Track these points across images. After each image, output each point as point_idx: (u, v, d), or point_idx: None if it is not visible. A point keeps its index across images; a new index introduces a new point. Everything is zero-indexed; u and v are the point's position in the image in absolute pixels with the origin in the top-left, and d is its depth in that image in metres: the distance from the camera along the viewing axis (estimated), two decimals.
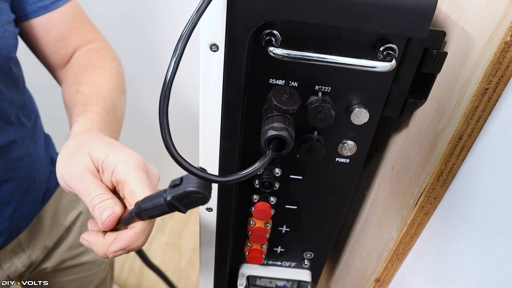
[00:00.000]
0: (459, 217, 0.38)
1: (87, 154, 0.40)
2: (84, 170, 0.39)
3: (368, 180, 0.59)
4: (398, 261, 0.49)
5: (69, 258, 0.79)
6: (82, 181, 0.39)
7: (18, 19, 0.57)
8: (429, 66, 0.39)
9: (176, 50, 0.32)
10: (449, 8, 0.39)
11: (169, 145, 0.33)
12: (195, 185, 0.32)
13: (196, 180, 0.33)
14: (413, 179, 0.44)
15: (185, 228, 1.66)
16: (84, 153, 0.40)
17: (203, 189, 0.33)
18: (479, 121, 0.35)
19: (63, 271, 0.80)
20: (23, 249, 0.69)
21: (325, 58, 0.34)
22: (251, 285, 0.60)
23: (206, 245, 0.54)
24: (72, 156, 0.41)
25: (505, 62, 0.32)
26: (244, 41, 0.35)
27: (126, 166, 0.38)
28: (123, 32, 1.34)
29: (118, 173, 0.38)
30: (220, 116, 0.40)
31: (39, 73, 0.73)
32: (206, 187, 0.33)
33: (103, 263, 0.90)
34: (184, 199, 0.33)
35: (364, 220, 0.59)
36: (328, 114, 0.39)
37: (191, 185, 0.32)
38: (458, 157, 0.38)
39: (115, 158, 0.39)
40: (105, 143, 0.42)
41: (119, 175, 0.38)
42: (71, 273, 0.82)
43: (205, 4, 0.31)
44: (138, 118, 1.55)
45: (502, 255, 0.32)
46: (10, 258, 0.67)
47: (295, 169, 0.47)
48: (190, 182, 0.33)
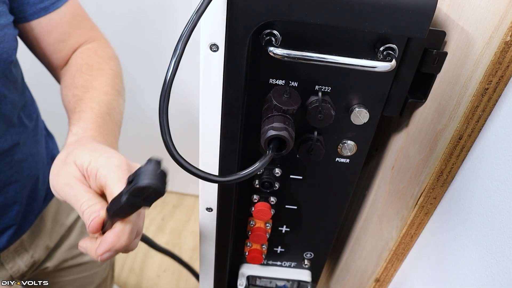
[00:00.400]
0: (459, 217, 0.38)
1: (73, 163, 0.41)
2: (71, 179, 0.40)
3: (368, 180, 0.59)
4: (398, 261, 0.49)
5: (70, 257, 0.79)
6: (71, 190, 0.40)
7: (17, 20, 0.57)
8: (429, 66, 0.39)
9: (176, 50, 0.32)
10: (449, 8, 0.39)
11: (169, 145, 0.33)
12: (145, 179, 0.30)
13: (148, 172, 0.30)
14: (413, 179, 0.44)
15: (185, 228, 1.66)
16: (70, 163, 0.41)
17: (155, 181, 0.30)
18: (479, 121, 0.35)
19: (64, 271, 0.80)
20: (26, 249, 0.69)
21: (325, 58, 0.34)
22: (251, 285, 0.60)
23: (206, 245, 0.54)
24: (61, 167, 0.42)
25: (505, 62, 0.32)
26: (244, 41, 0.35)
27: (106, 168, 0.39)
28: (123, 32, 1.34)
29: (100, 177, 0.39)
30: (220, 116, 0.40)
31: (39, 73, 0.73)
32: (158, 178, 0.30)
33: (104, 263, 0.90)
34: (140, 194, 0.31)
35: (364, 220, 0.59)
36: (328, 114, 0.39)
37: (142, 180, 0.30)
38: (458, 157, 0.38)
39: (96, 162, 0.40)
40: (89, 150, 0.42)
41: (101, 179, 0.38)
42: (72, 273, 0.82)
43: (205, 4, 0.31)
44: (138, 118, 1.55)
45: (502, 255, 0.32)
46: (13, 258, 0.68)
47: (295, 169, 0.47)
48: (141, 176, 0.30)
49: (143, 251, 1.55)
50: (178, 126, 1.46)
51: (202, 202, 0.49)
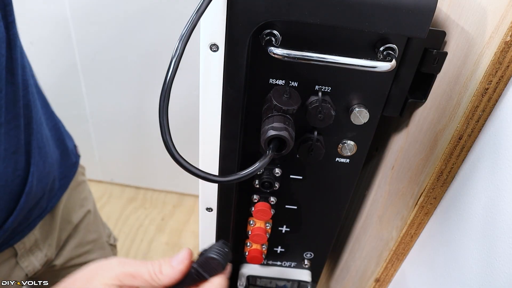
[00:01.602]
0: (459, 217, 0.38)
1: None
2: None
3: (368, 180, 0.59)
4: (398, 261, 0.49)
5: (77, 256, 0.80)
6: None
7: None
8: (429, 66, 0.39)
9: (176, 50, 0.32)
10: (449, 8, 0.39)
11: (169, 145, 0.33)
12: (213, 253, 0.36)
13: (216, 248, 0.37)
14: (413, 179, 0.44)
15: (185, 228, 1.66)
16: None
17: (219, 256, 0.36)
18: (479, 121, 0.35)
19: (70, 269, 0.80)
20: (40, 248, 0.70)
21: (325, 58, 0.34)
22: (251, 285, 0.60)
23: (206, 245, 0.54)
24: None
25: (505, 62, 0.32)
26: (244, 41, 0.35)
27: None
28: (123, 32, 1.34)
29: None
30: (220, 116, 0.40)
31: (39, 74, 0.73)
32: (223, 255, 0.36)
33: None
34: (206, 265, 0.37)
35: (364, 220, 0.59)
36: (328, 114, 0.39)
37: (211, 253, 0.36)
38: (458, 157, 0.38)
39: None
40: None
41: None
42: None
43: (205, 4, 0.31)
44: (138, 118, 1.55)
45: (502, 255, 0.32)
46: (27, 257, 0.69)
47: (295, 169, 0.47)
48: (211, 250, 0.37)
49: (143, 251, 1.55)
50: (178, 126, 1.46)
51: (202, 202, 0.49)
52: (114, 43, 1.37)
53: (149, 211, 1.71)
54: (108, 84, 1.47)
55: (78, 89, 1.50)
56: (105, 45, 1.37)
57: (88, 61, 1.42)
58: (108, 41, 1.36)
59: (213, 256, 0.36)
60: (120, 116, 1.56)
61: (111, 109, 1.54)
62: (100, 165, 1.72)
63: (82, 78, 1.47)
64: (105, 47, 1.38)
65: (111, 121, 1.58)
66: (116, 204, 1.72)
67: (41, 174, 0.65)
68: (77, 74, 1.45)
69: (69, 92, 1.49)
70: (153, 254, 1.54)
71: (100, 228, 0.88)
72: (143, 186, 1.80)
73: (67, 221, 0.77)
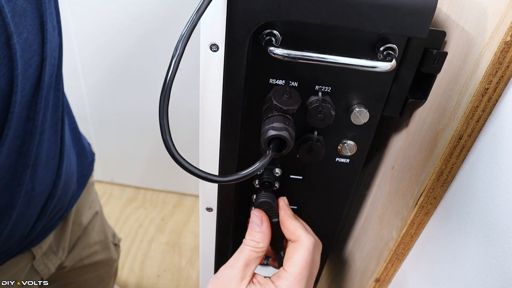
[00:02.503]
0: (459, 217, 0.38)
1: None
2: None
3: (368, 180, 0.59)
4: (398, 261, 0.49)
5: (85, 257, 0.81)
6: None
7: None
8: (429, 66, 0.39)
9: (176, 50, 0.32)
10: (449, 8, 0.39)
11: (169, 145, 0.33)
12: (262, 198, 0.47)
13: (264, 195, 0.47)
14: (413, 179, 0.44)
15: (185, 228, 1.66)
16: None
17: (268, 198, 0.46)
18: (479, 121, 0.35)
19: (78, 270, 0.81)
20: (54, 251, 0.71)
21: (325, 58, 0.34)
22: None
23: (206, 245, 0.54)
24: None
25: (505, 62, 0.32)
26: (244, 41, 0.35)
27: None
28: (123, 32, 1.34)
29: None
30: (220, 116, 0.40)
31: None
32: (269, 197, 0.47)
33: (115, 262, 0.91)
34: (270, 211, 0.46)
35: (364, 220, 0.59)
36: (328, 114, 0.39)
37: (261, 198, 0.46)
38: (458, 157, 0.38)
39: None
40: None
41: None
42: (86, 272, 0.83)
43: (205, 4, 0.31)
44: (138, 118, 1.55)
45: (502, 255, 0.32)
46: (43, 261, 0.69)
47: (295, 169, 0.47)
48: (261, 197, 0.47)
49: (143, 251, 1.55)
50: (178, 126, 1.46)
51: (202, 202, 0.49)
52: (114, 43, 1.37)
53: (149, 211, 1.71)
54: (108, 84, 1.47)
55: (78, 89, 1.50)
56: (105, 45, 1.37)
57: (88, 61, 1.42)
58: (108, 41, 1.36)
59: (266, 200, 0.45)
60: (120, 116, 1.56)
61: (111, 109, 1.54)
62: (100, 165, 1.73)
63: (82, 78, 1.47)
64: (105, 47, 1.38)
65: (111, 121, 1.58)
66: (116, 204, 1.72)
67: (66, 176, 0.65)
68: (77, 74, 1.45)
69: (69, 92, 1.49)
70: (153, 254, 1.54)
71: (106, 228, 0.88)
72: (143, 186, 1.80)
73: (78, 224, 0.77)
